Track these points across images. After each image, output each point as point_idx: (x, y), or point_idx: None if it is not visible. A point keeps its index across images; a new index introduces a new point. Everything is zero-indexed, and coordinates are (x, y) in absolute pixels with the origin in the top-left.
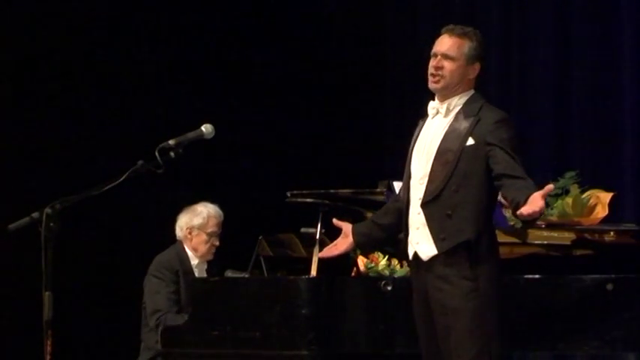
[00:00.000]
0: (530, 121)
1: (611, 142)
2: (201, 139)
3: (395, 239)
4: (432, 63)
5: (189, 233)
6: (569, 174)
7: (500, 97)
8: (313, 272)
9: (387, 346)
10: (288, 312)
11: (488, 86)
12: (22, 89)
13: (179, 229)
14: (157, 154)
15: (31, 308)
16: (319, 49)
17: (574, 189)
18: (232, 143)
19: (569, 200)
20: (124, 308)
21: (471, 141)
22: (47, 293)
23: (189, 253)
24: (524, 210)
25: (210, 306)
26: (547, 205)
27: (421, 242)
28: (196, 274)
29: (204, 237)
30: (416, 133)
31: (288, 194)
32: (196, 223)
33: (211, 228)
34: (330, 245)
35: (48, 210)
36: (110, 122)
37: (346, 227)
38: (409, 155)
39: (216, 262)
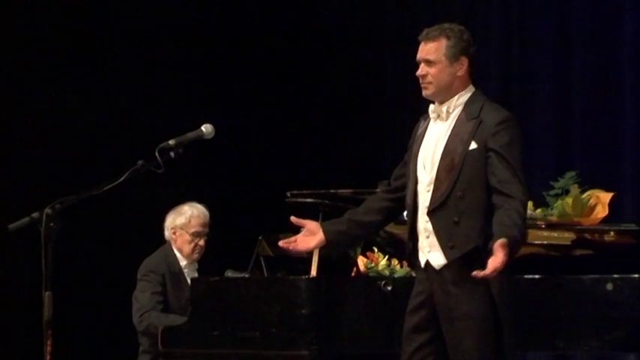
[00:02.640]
0: (531, 122)
1: (611, 142)
2: (201, 139)
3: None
4: (418, 72)
5: (174, 233)
6: (569, 174)
7: (500, 98)
8: (313, 272)
9: (387, 346)
10: (288, 312)
11: (488, 87)
12: (21, 89)
13: (166, 230)
14: (156, 154)
15: (31, 308)
16: (319, 49)
17: (574, 189)
18: (232, 143)
19: (569, 200)
20: (123, 308)
21: (474, 145)
22: (47, 293)
23: (177, 254)
24: (481, 273)
25: (210, 306)
26: (547, 205)
27: (432, 250)
28: (186, 276)
29: (187, 237)
30: (419, 134)
31: (288, 194)
32: (179, 222)
33: (194, 228)
34: (290, 239)
35: (48, 210)
36: (110, 122)
37: (310, 224)
38: (413, 158)
39: (215, 262)
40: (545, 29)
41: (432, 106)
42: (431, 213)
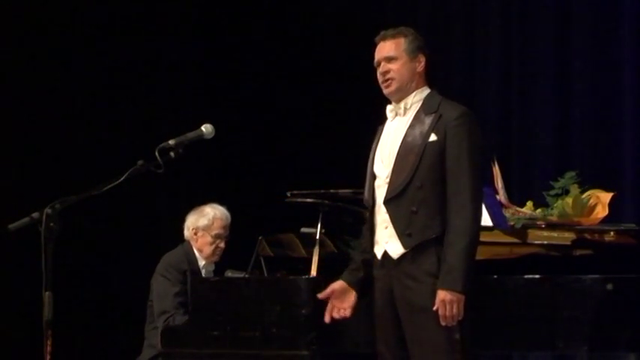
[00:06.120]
0: (531, 122)
1: (611, 142)
2: (201, 139)
3: None
4: (379, 71)
5: (195, 234)
6: (569, 174)
7: (500, 98)
8: (313, 272)
9: None
10: (288, 312)
11: (488, 86)
12: (22, 89)
13: (186, 229)
14: (156, 154)
15: (31, 308)
16: (319, 48)
17: (574, 189)
18: (232, 143)
19: (569, 200)
20: (123, 308)
21: (433, 137)
22: (47, 293)
23: (197, 253)
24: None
25: (210, 306)
26: (547, 205)
27: (390, 241)
28: (203, 275)
29: (208, 238)
30: (376, 138)
31: (288, 194)
32: (201, 224)
33: (216, 230)
34: (330, 309)
35: (48, 210)
36: (110, 122)
37: (335, 287)
38: (371, 158)
39: (215, 262)
40: (546, 28)
41: (389, 106)
42: (388, 203)
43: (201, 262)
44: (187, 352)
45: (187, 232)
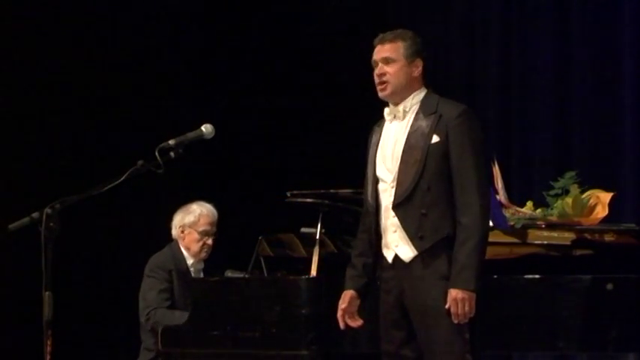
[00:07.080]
0: (531, 122)
1: (611, 142)
2: (201, 139)
3: None
4: (376, 72)
5: (182, 232)
6: (569, 174)
7: (500, 98)
8: (313, 272)
9: None
10: (288, 312)
11: (488, 86)
12: (21, 89)
13: (173, 228)
14: (156, 154)
15: (31, 308)
16: (319, 48)
17: (574, 189)
18: (232, 143)
19: (569, 200)
20: (124, 308)
21: (435, 138)
22: (47, 293)
23: (185, 252)
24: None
25: (210, 306)
26: (547, 205)
27: (400, 245)
28: (192, 274)
29: (195, 235)
30: (374, 139)
31: (288, 194)
32: (187, 221)
33: (202, 226)
34: (345, 314)
35: (48, 210)
36: (110, 122)
37: (346, 297)
38: (371, 161)
39: (215, 262)
40: (545, 28)
41: (387, 109)
42: (396, 207)
43: (190, 261)
44: (187, 352)
45: (174, 231)
